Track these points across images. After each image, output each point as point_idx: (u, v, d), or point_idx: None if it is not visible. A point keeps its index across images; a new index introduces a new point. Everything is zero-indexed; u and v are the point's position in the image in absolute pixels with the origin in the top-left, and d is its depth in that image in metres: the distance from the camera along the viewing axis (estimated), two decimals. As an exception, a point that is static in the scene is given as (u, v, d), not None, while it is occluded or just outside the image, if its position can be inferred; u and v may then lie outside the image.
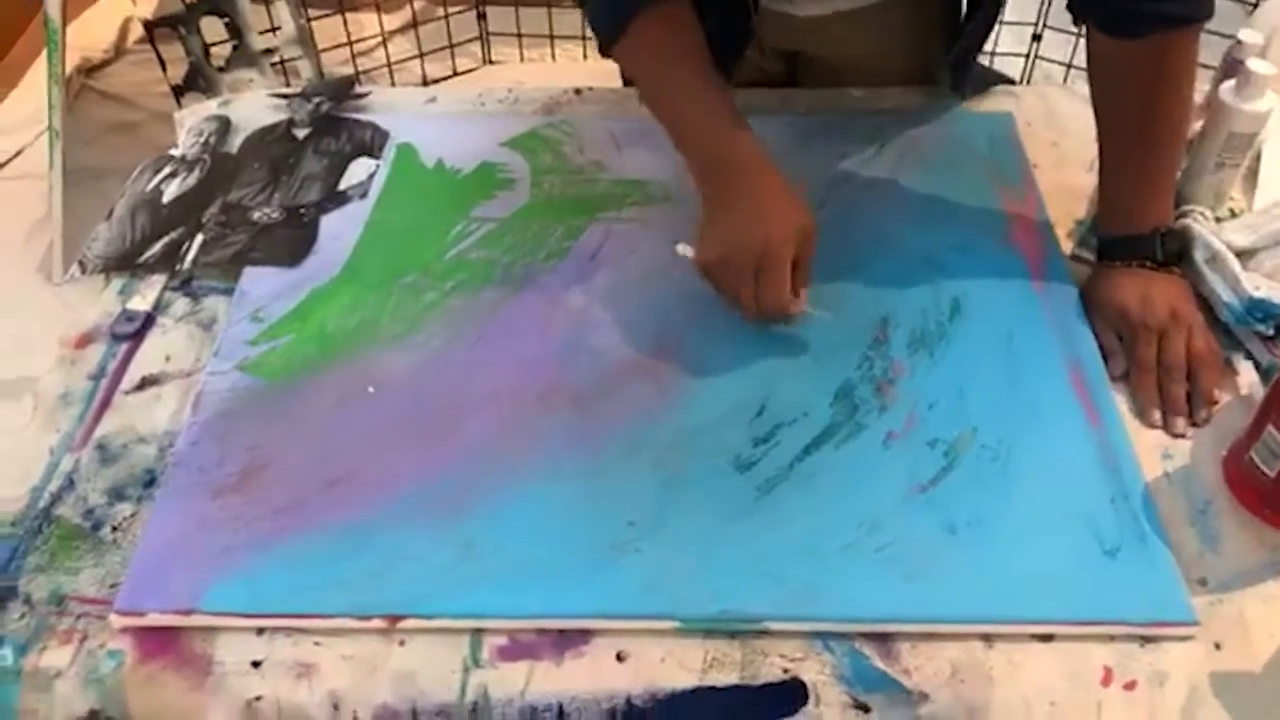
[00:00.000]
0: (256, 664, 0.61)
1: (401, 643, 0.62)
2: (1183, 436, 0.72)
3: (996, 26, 1.84)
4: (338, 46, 1.82)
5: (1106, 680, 0.60)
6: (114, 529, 0.68)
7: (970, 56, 1.00)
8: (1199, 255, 0.79)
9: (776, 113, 1.00)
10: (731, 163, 0.76)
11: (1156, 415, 0.73)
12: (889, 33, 0.98)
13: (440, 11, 1.93)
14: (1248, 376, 0.76)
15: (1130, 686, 0.60)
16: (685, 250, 0.78)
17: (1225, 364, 0.76)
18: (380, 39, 1.91)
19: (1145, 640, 0.61)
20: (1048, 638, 0.61)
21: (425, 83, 1.93)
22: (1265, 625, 0.62)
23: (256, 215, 0.90)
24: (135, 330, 0.81)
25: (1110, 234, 0.81)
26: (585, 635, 0.62)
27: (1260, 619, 0.62)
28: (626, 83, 1.06)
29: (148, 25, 1.54)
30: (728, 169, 0.76)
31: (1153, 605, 0.62)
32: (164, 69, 1.53)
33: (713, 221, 0.76)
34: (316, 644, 0.62)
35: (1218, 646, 0.61)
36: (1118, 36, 0.76)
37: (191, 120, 1.02)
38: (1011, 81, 1.07)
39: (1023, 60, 1.83)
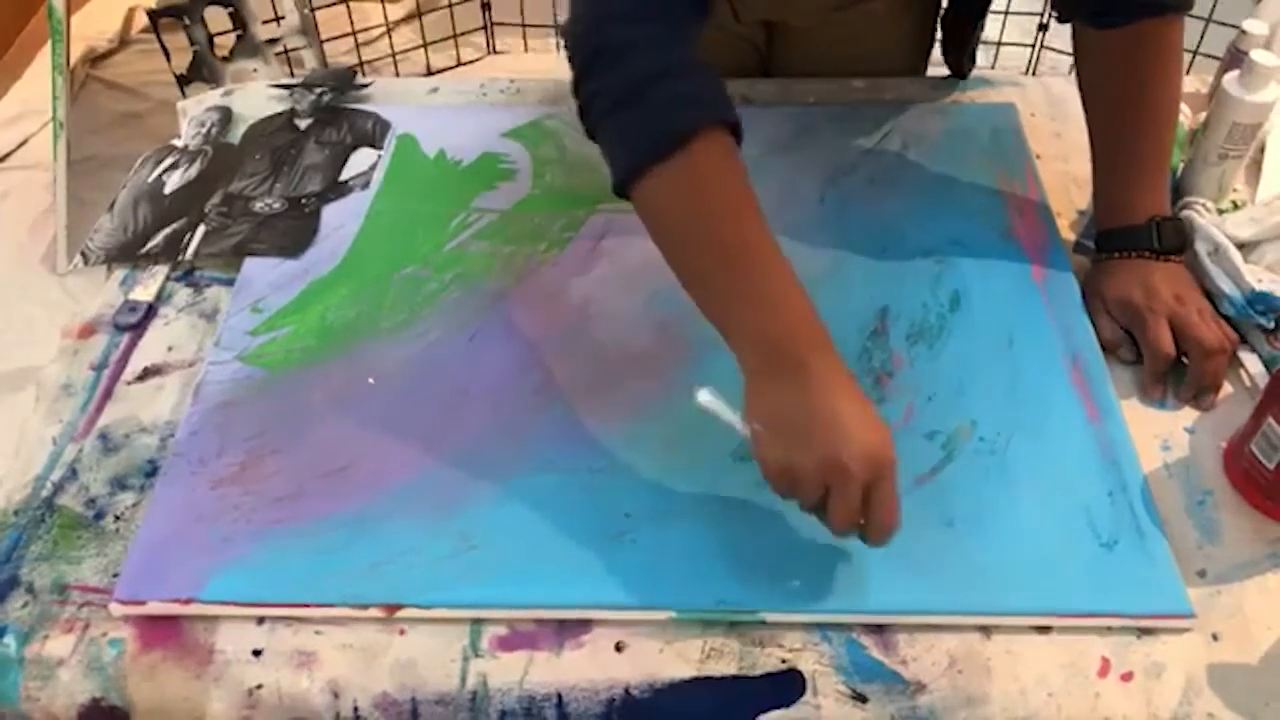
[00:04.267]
0: (257, 653, 0.62)
1: (401, 632, 0.62)
2: (1212, 407, 0.73)
3: (1002, 16, 1.84)
4: (341, 36, 1.83)
5: (1104, 671, 0.60)
6: (116, 518, 0.68)
7: (967, 34, 1.00)
8: (1201, 248, 0.79)
9: (778, 103, 1.00)
10: (810, 346, 0.60)
11: (1160, 390, 0.74)
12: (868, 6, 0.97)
13: (444, 1, 1.92)
14: (1251, 368, 0.75)
15: (1127, 677, 0.60)
16: (713, 402, 0.64)
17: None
18: (384, 29, 1.91)
19: (1142, 632, 0.61)
20: (1045, 629, 0.62)
21: (429, 73, 1.93)
22: (1263, 617, 0.62)
23: (258, 206, 0.90)
24: (137, 321, 0.81)
25: (1107, 226, 0.80)
26: (584, 625, 0.62)
27: (1259, 611, 0.62)
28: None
29: (152, 15, 1.55)
30: (805, 354, 0.60)
31: (1150, 597, 0.62)
32: (168, 59, 1.53)
33: (791, 420, 0.59)
34: (317, 633, 0.62)
35: (1215, 638, 0.61)
36: (1104, 27, 0.76)
37: (194, 110, 1.02)
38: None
39: (1028, 50, 1.82)
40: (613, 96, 0.63)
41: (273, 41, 1.67)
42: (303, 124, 0.99)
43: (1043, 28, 1.80)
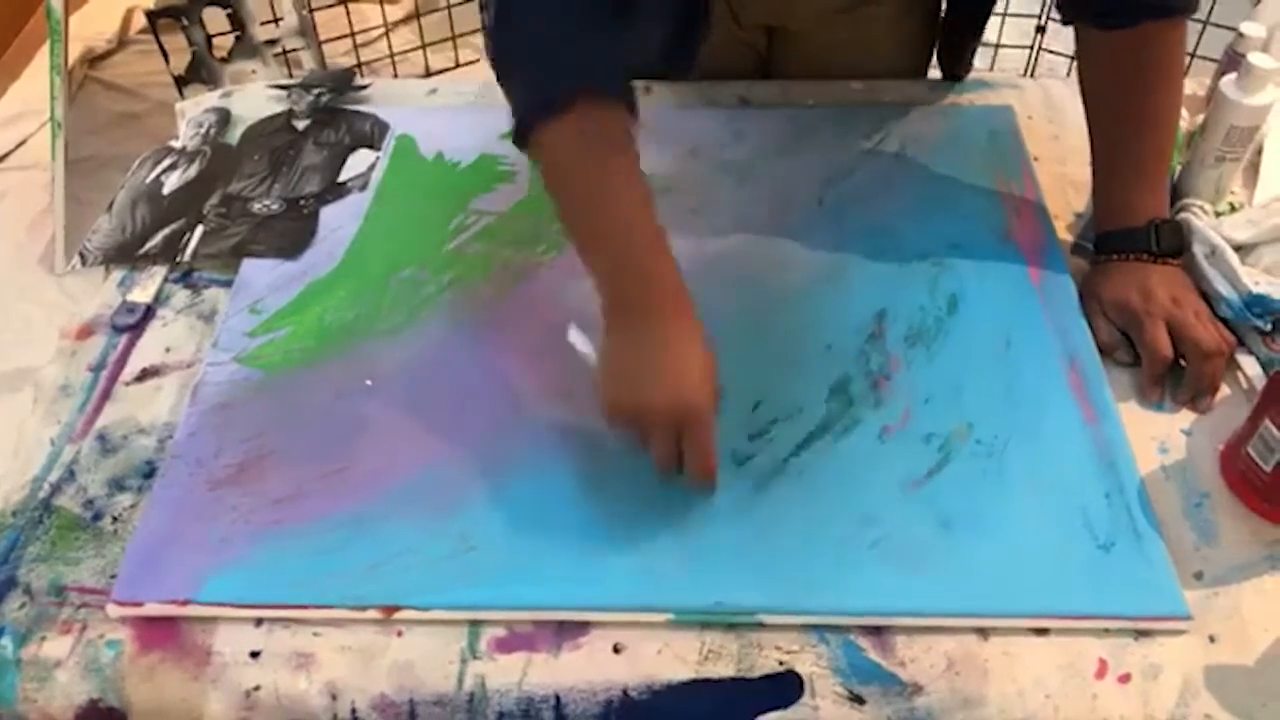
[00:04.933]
0: (255, 654, 0.62)
1: (399, 633, 0.62)
2: (1210, 409, 0.73)
3: (1000, 18, 1.84)
4: (340, 38, 1.82)
5: (1101, 673, 0.60)
6: (114, 519, 0.68)
7: (964, 38, 1.00)
8: (1199, 250, 0.79)
9: (777, 105, 1.00)
10: (654, 293, 0.66)
11: (1158, 393, 0.74)
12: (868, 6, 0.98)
13: (443, 3, 1.92)
14: (1249, 370, 0.75)
15: (1124, 679, 0.60)
16: (578, 341, 0.70)
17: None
18: (383, 30, 1.91)
19: (1140, 633, 0.61)
20: (1043, 631, 0.62)
21: (427, 74, 1.93)
22: (1260, 619, 0.62)
23: (256, 207, 0.90)
24: (135, 322, 0.81)
25: (1106, 228, 0.81)
26: (582, 627, 0.62)
27: (1255, 612, 0.62)
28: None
29: (150, 16, 1.55)
30: (648, 299, 0.66)
31: (1146, 599, 0.62)
32: (166, 60, 1.53)
33: (624, 363, 0.66)
34: (315, 634, 0.62)
35: (1212, 640, 0.61)
36: (1107, 29, 0.76)
37: (192, 111, 1.02)
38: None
39: (1026, 52, 1.82)
40: (510, 52, 0.69)
41: (271, 43, 1.67)
42: (301, 125, 0.99)
43: (1040, 30, 1.80)
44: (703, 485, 0.65)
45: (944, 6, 1.01)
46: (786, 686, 0.60)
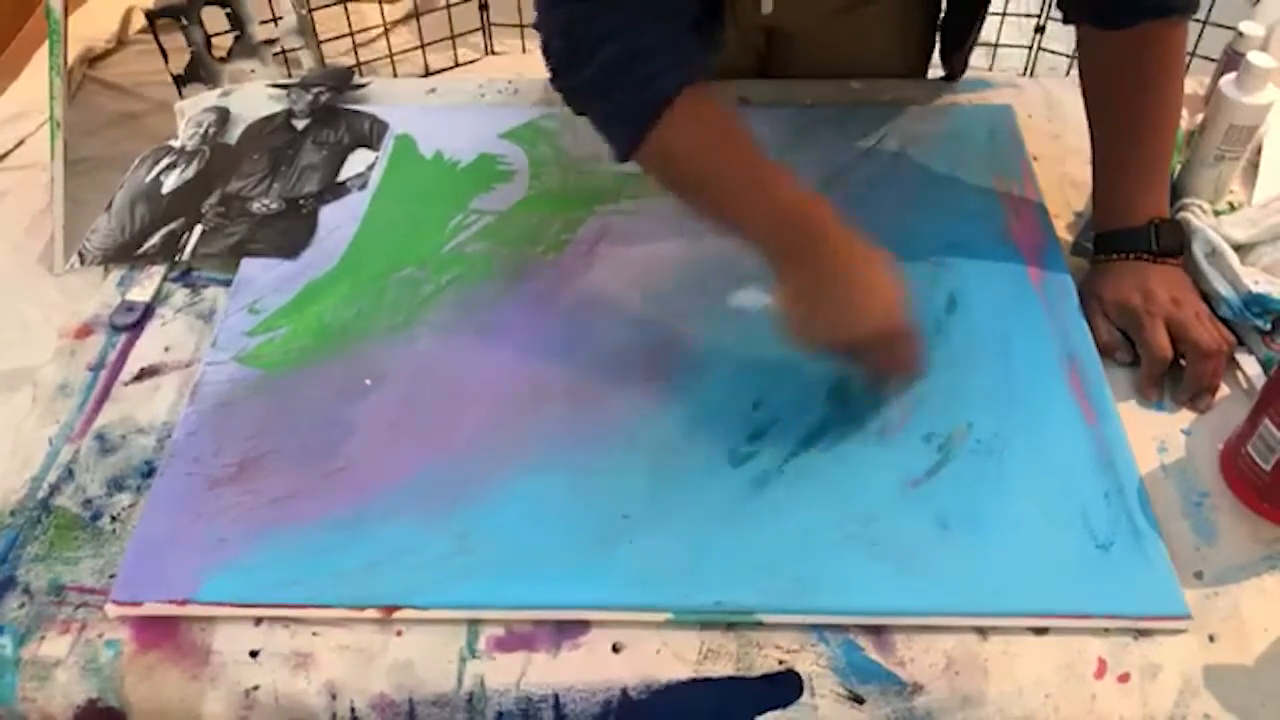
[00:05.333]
0: (254, 654, 0.62)
1: (398, 633, 0.62)
2: (1209, 409, 0.74)
3: (1000, 18, 1.84)
4: (339, 37, 1.82)
5: (1100, 672, 0.60)
6: (113, 519, 0.68)
7: (962, 36, 1.00)
8: (1198, 250, 0.79)
9: (776, 104, 1.00)
10: (821, 230, 0.68)
11: (1157, 392, 0.74)
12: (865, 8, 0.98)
13: (442, 2, 1.92)
14: (1249, 370, 0.75)
15: (1124, 679, 0.60)
16: (745, 302, 0.74)
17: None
18: (382, 30, 1.90)
19: (1139, 633, 0.61)
20: (1042, 630, 0.62)
21: (427, 73, 1.92)
22: (1260, 618, 0.62)
23: (255, 206, 0.90)
24: (134, 321, 0.81)
25: (1106, 228, 0.81)
26: (581, 627, 0.62)
27: (1254, 612, 0.62)
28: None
29: (150, 15, 1.54)
30: (818, 238, 0.68)
31: (1146, 599, 0.62)
32: (166, 59, 1.53)
33: (819, 301, 0.67)
34: (314, 634, 0.62)
35: (1212, 639, 0.61)
36: (1108, 28, 0.76)
37: (191, 111, 1.02)
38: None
39: (1025, 52, 1.82)
40: (591, 85, 0.71)
41: (270, 42, 1.67)
42: (300, 124, 0.99)
43: (1040, 29, 1.80)
44: (910, 383, 0.71)
45: (942, 6, 1.01)
46: (786, 686, 0.60)
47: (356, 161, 0.95)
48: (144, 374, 0.77)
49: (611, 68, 0.69)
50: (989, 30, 1.75)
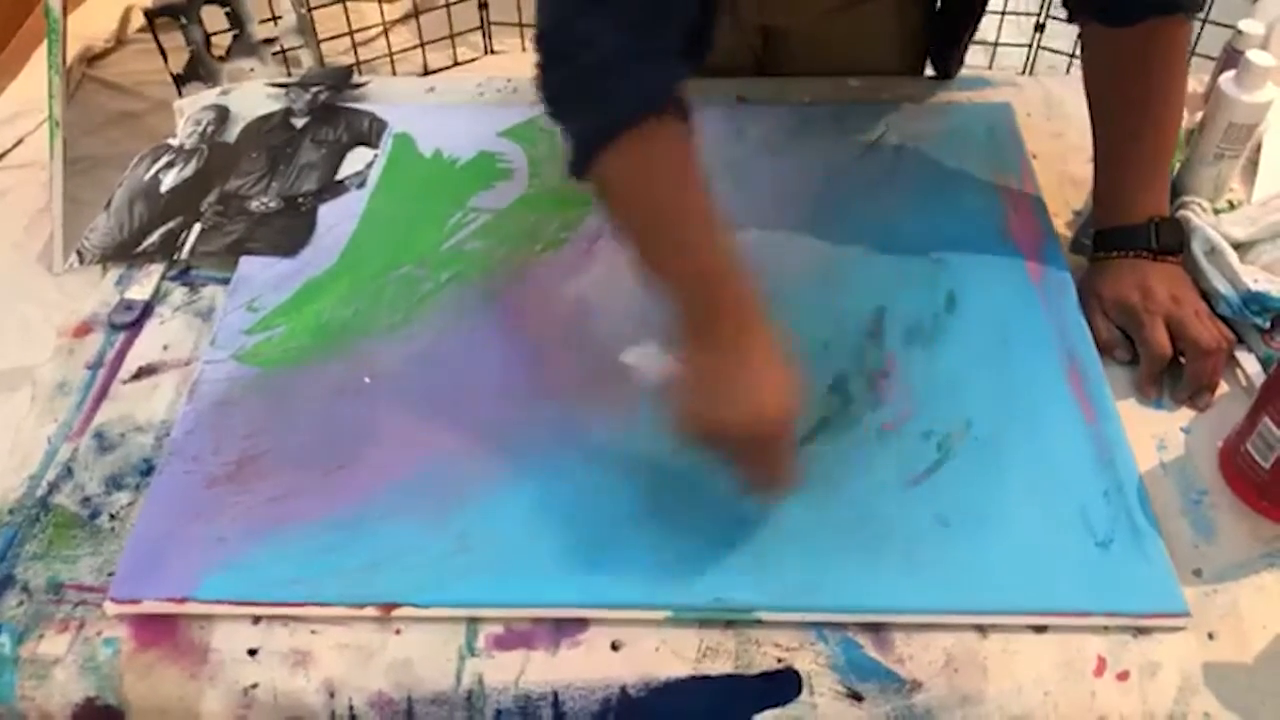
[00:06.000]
0: (253, 652, 0.62)
1: (397, 631, 0.62)
2: (1209, 407, 0.73)
3: (999, 16, 1.84)
4: (339, 36, 1.82)
5: (1100, 670, 0.60)
6: (111, 517, 0.68)
7: (957, 36, 1.00)
8: (1198, 248, 0.79)
9: (775, 102, 1.00)
10: (730, 318, 0.63)
11: (1155, 390, 0.74)
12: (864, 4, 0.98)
13: (441, 1, 1.92)
14: (1248, 368, 0.75)
15: (1123, 676, 0.60)
16: (637, 362, 0.69)
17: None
18: (381, 28, 1.90)
19: (1138, 631, 0.61)
20: (1042, 628, 0.62)
21: (426, 72, 1.92)
22: (1259, 616, 0.62)
23: (254, 205, 0.90)
24: (133, 320, 0.81)
25: (1106, 225, 0.81)
26: (580, 625, 0.62)
27: (1253, 610, 0.62)
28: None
29: (149, 14, 1.54)
30: (733, 318, 0.63)
31: (1145, 596, 0.62)
32: (165, 58, 1.53)
33: (710, 383, 0.62)
34: (312, 632, 0.62)
35: (1211, 637, 0.61)
36: (1112, 25, 0.76)
37: (190, 109, 1.02)
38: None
39: (1025, 50, 1.82)
40: (562, 90, 0.66)
41: (269, 41, 1.67)
42: (299, 123, 0.99)
43: (1039, 28, 1.80)
44: (777, 498, 0.65)
45: (938, 4, 1.01)
46: (785, 684, 0.60)
47: (355, 160, 0.95)
48: (142, 372, 0.77)
49: (580, 78, 0.65)
50: (988, 29, 1.75)
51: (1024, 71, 1.82)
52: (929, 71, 1.06)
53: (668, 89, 0.65)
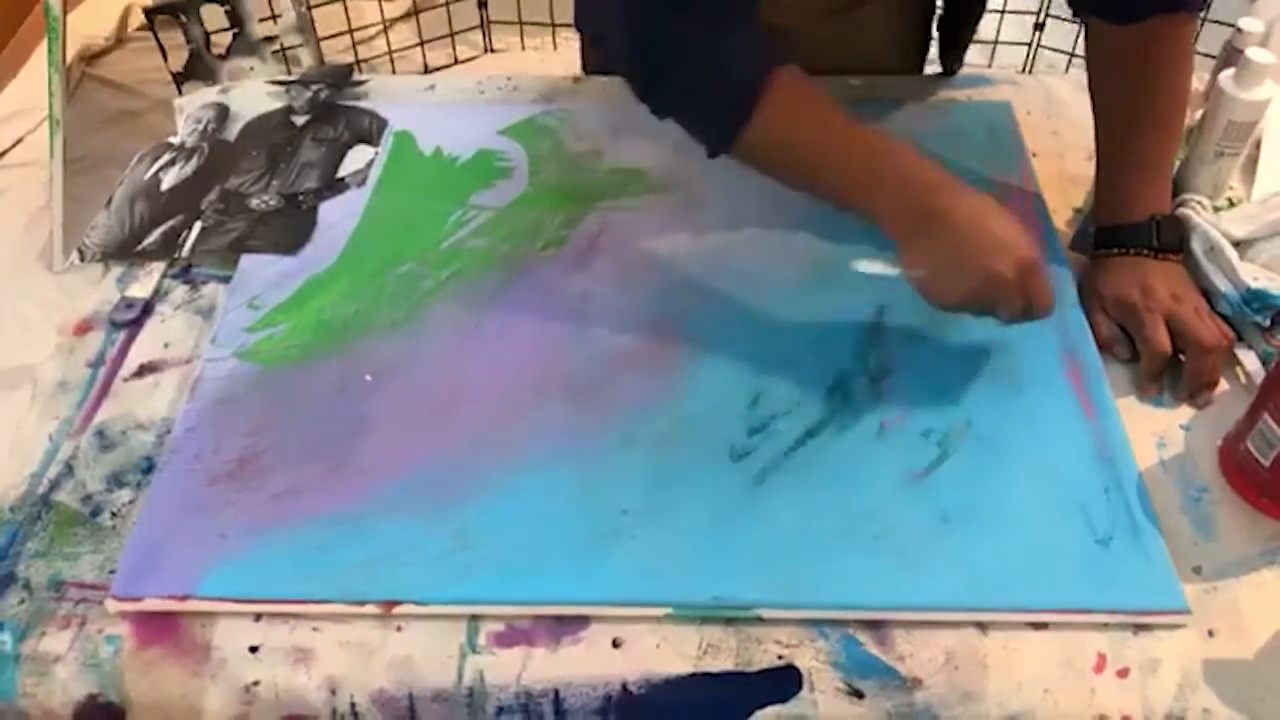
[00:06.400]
0: (254, 649, 0.62)
1: (399, 628, 0.62)
2: (1209, 404, 0.74)
3: (999, 15, 1.84)
4: (338, 34, 1.82)
5: (1100, 667, 0.60)
6: (113, 515, 0.68)
7: (957, 35, 1.00)
8: (1197, 246, 0.79)
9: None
10: (938, 191, 0.68)
11: (1156, 388, 0.74)
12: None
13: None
14: (1249, 365, 0.76)
15: (1123, 673, 0.60)
16: (871, 268, 0.74)
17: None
18: (381, 27, 1.90)
19: (1138, 628, 0.61)
20: (1042, 625, 0.62)
21: (426, 71, 1.92)
22: (1259, 613, 0.62)
23: (255, 203, 0.90)
24: (134, 318, 0.81)
25: (1107, 223, 0.81)
26: (581, 622, 0.62)
27: (1254, 607, 0.63)
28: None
29: (148, 13, 1.54)
30: (936, 197, 0.68)
31: (1145, 593, 0.62)
32: (165, 57, 1.53)
33: (952, 256, 0.68)
34: (314, 629, 0.62)
35: (1211, 634, 0.61)
36: (1117, 22, 0.76)
37: (190, 108, 1.02)
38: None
39: (1025, 49, 1.82)
40: (678, 90, 0.72)
41: (269, 39, 1.67)
42: (300, 121, 0.99)
43: (1039, 26, 1.81)
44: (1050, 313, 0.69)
45: (938, 3, 1.01)
46: (785, 681, 0.60)
47: (356, 158, 0.95)
48: (143, 370, 0.77)
49: (697, 72, 0.70)
50: (988, 27, 1.75)
51: (1024, 70, 1.82)
52: (929, 70, 1.06)
53: (778, 50, 0.71)
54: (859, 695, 0.60)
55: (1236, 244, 0.79)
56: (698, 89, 0.71)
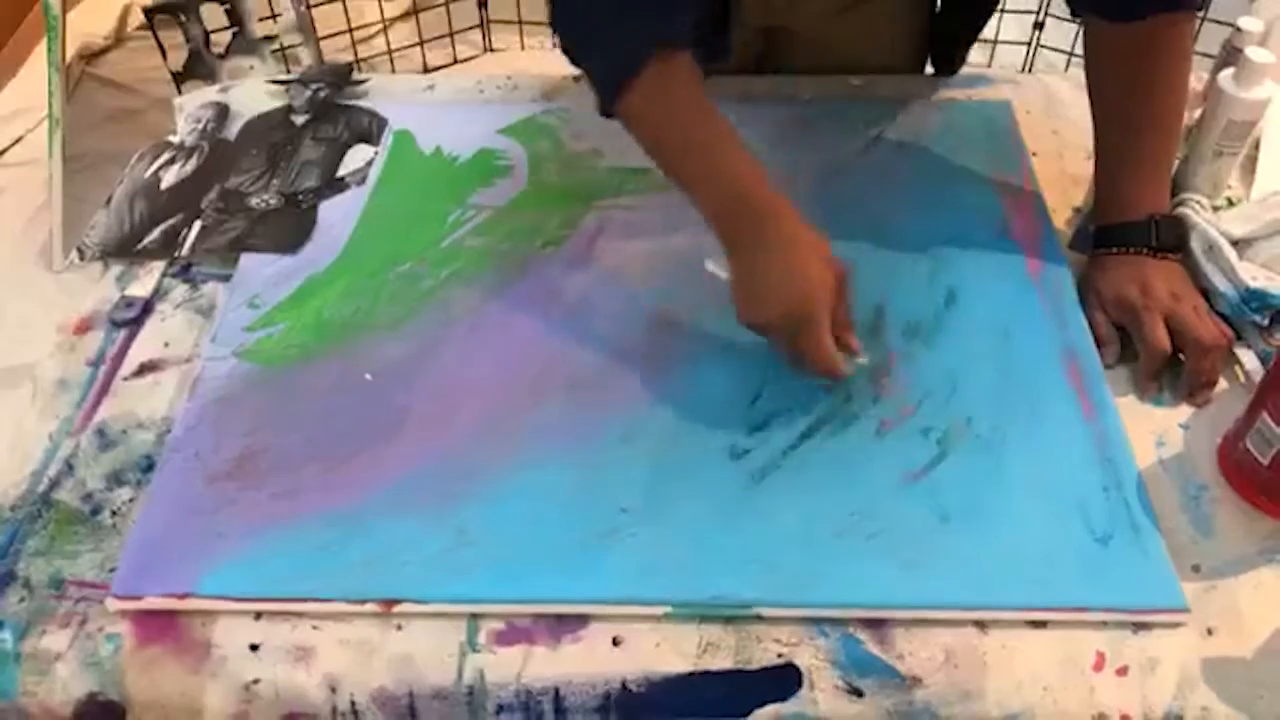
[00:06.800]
0: (255, 647, 0.62)
1: (399, 627, 0.62)
2: (1208, 403, 0.74)
3: (998, 14, 1.84)
4: (338, 34, 1.82)
5: (1099, 665, 0.60)
6: (113, 514, 0.68)
7: (958, 35, 1.00)
8: (1196, 246, 0.79)
9: (775, 100, 1.00)
10: (759, 214, 0.71)
11: (1154, 388, 0.74)
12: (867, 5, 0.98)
13: (440, -1, 1.92)
14: (1247, 364, 0.76)
15: (1122, 672, 0.60)
16: (715, 269, 0.74)
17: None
18: (381, 26, 1.90)
19: (1137, 626, 0.62)
20: (1041, 623, 0.62)
21: (425, 70, 1.92)
22: (1257, 611, 0.62)
23: (254, 202, 0.90)
24: (134, 316, 0.81)
25: (1106, 222, 0.81)
26: (581, 620, 0.62)
27: (1252, 605, 0.63)
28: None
29: (148, 12, 1.54)
30: (756, 221, 0.71)
31: (1144, 592, 0.62)
32: (164, 56, 1.53)
33: (745, 281, 0.71)
34: (314, 628, 0.62)
35: (1210, 632, 0.62)
36: (1117, 21, 0.76)
37: (190, 107, 1.02)
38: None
39: (1024, 48, 1.82)
40: (575, 40, 0.74)
41: (269, 38, 1.67)
42: (299, 120, 0.99)
43: (1039, 26, 1.81)
44: (827, 377, 0.71)
45: (938, 4, 1.01)
46: (785, 679, 0.60)
47: (356, 157, 0.95)
48: (143, 369, 0.77)
49: (596, 18, 0.72)
50: (987, 26, 1.75)
51: (1023, 69, 1.82)
52: (930, 69, 1.06)
53: (678, 26, 0.72)
54: (858, 694, 0.60)
55: (1235, 243, 0.79)
56: (592, 44, 0.73)
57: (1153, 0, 0.75)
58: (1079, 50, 0.85)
